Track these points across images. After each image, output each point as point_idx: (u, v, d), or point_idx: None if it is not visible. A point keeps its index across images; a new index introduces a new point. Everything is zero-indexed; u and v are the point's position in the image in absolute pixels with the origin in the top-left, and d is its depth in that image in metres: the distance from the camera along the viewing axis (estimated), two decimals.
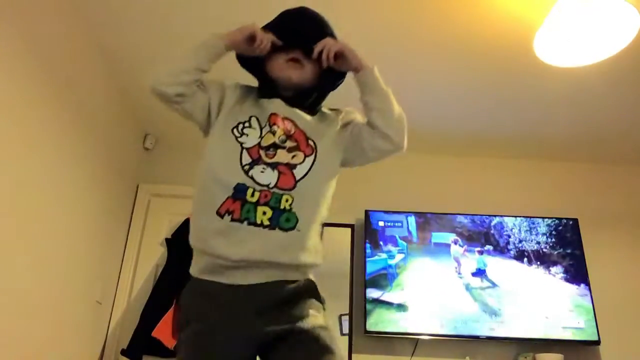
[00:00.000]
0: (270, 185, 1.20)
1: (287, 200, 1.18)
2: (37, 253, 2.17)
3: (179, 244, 3.03)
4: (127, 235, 3.15)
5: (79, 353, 2.62)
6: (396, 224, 3.09)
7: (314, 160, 1.25)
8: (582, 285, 2.93)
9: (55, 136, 2.27)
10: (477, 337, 2.82)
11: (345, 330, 2.89)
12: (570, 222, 3.11)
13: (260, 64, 1.38)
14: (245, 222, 1.16)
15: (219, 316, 1.15)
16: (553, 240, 3.07)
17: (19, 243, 2.04)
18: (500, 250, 3.04)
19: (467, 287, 2.92)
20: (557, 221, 3.12)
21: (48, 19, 2.15)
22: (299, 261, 1.19)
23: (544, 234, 3.09)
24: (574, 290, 2.92)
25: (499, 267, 2.98)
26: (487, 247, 3.04)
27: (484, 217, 3.12)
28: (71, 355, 2.51)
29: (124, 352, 2.71)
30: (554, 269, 2.98)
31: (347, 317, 2.91)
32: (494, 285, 2.93)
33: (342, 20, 2.35)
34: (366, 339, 2.88)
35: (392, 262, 2.97)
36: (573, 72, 2.49)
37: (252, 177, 1.20)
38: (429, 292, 2.91)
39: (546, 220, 3.12)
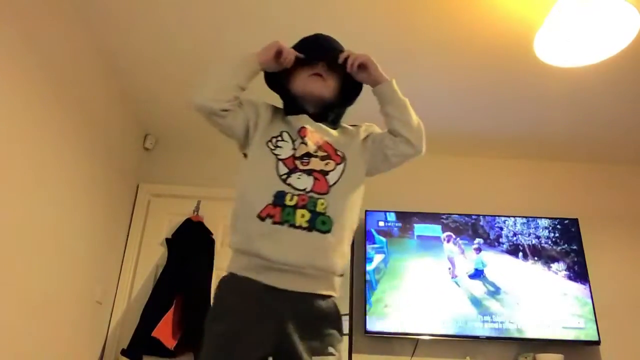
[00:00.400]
0: (307, 190, 1.29)
1: (322, 204, 1.27)
2: (37, 253, 2.17)
3: (179, 244, 3.04)
4: (127, 235, 3.15)
5: (79, 353, 2.62)
6: (396, 224, 3.09)
7: (344, 168, 1.35)
8: (583, 285, 2.93)
9: (55, 136, 2.27)
10: (477, 337, 2.82)
11: (345, 330, 2.88)
12: (570, 222, 3.11)
13: (285, 83, 1.48)
14: (286, 225, 1.24)
15: (249, 313, 1.21)
16: (552, 238, 3.06)
17: (19, 243, 2.04)
18: (490, 243, 3.04)
19: (466, 288, 2.92)
20: (557, 221, 3.12)
21: (48, 19, 2.15)
22: (333, 264, 1.27)
23: (545, 228, 3.08)
24: (574, 290, 2.92)
25: (498, 267, 2.98)
26: (478, 240, 3.04)
27: (483, 217, 3.12)
28: (71, 355, 2.51)
29: (124, 352, 2.71)
30: (554, 266, 2.97)
31: (347, 317, 2.91)
32: (493, 286, 2.93)
33: (343, 20, 2.37)
34: (366, 339, 2.88)
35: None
36: (573, 72, 2.49)
37: (289, 184, 1.29)
38: (424, 292, 2.91)
39: (546, 220, 3.12)
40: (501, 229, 3.09)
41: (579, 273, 2.97)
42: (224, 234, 3.20)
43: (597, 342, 2.82)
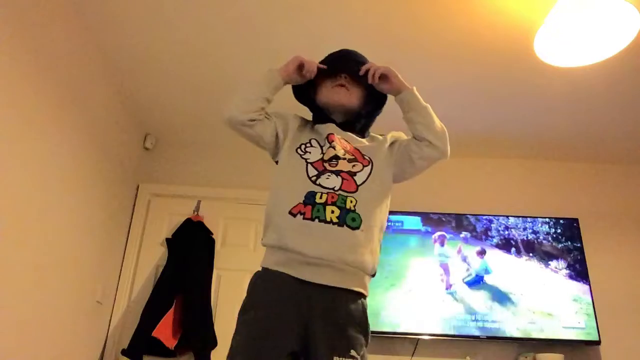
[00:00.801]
0: (336, 188, 1.34)
1: (351, 202, 1.32)
2: (37, 253, 2.17)
3: (179, 244, 3.03)
4: (128, 235, 3.15)
5: (79, 353, 2.62)
6: (395, 224, 3.10)
7: (371, 170, 1.41)
8: (583, 285, 2.93)
9: (55, 136, 2.27)
10: (477, 337, 2.82)
11: None
12: (570, 222, 3.11)
13: (312, 95, 1.56)
14: (317, 220, 1.28)
15: (280, 305, 1.25)
16: (552, 238, 3.07)
17: (20, 243, 2.04)
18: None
19: (466, 291, 2.92)
20: (557, 221, 3.12)
21: (48, 20, 2.15)
22: (363, 261, 1.30)
23: (545, 228, 3.09)
24: (574, 289, 2.92)
25: (498, 267, 2.98)
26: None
27: (484, 217, 3.12)
28: (71, 355, 2.51)
29: (124, 352, 2.71)
30: (554, 265, 2.97)
31: None
32: (493, 287, 2.93)
33: (344, 23, 2.37)
34: None
35: None
36: (573, 72, 2.50)
37: (319, 184, 1.35)
38: (424, 292, 2.91)
39: (546, 219, 3.12)
40: (490, 221, 3.09)
41: (579, 273, 2.97)
42: (224, 234, 3.20)
43: (597, 342, 2.82)
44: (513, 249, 3.02)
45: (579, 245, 3.04)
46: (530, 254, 3.02)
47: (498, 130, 3.17)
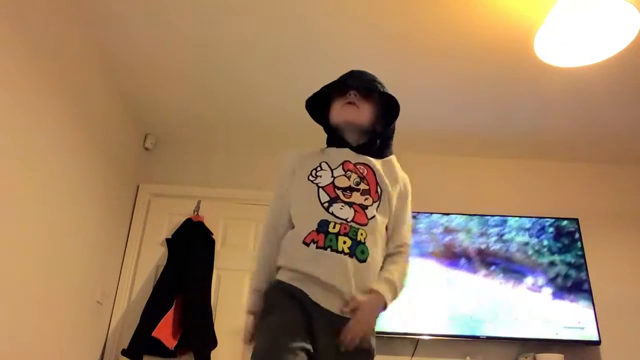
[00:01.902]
0: (348, 220, 1.37)
1: (362, 234, 1.36)
2: (37, 253, 2.17)
3: (179, 244, 3.03)
4: (128, 236, 3.15)
5: (79, 353, 2.62)
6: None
7: (379, 205, 1.44)
8: (583, 285, 2.93)
9: (55, 137, 2.27)
10: (477, 337, 2.82)
11: None
12: (571, 222, 3.11)
13: (325, 116, 1.56)
14: (329, 249, 1.32)
15: (295, 312, 1.28)
16: (552, 238, 3.06)
17: (20, 243, 2.04)
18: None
19: (466, 292, 2.92)
20: (557, 221, 3.12)
21: (48, 19, 2.15)
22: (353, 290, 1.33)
23: (545, 227, 3.08)
24: (574, 290, 2.92)
25: (499, 268, 2.98)
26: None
27: (484, 216, 3.12)
28: (71, 355, 2.51)
29: (124, 352, 2.71)
30: (554, 265, 2.97)
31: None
32: (493, 288, 2.93)
33: (344, 22, 2.37)
34: None
35: None
36: (573, 72, 2.49)
37: (332, 213, 1.37)
38: (424, 291, 2.91)
39: (546, 220, 3.12)
40: (500, 228, 3.09)
41: (579, 273, 2.97)
42: (224, 234, 3.20)
43: (597, 342, 2.82)
44: (522, 256, 3.02)
45: (579, 245, 3.04)
46: (532, 255, 3.02)
47: (498, 130, 3.17)
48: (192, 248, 3.00)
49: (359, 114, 1.49)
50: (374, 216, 1.40)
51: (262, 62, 2.64)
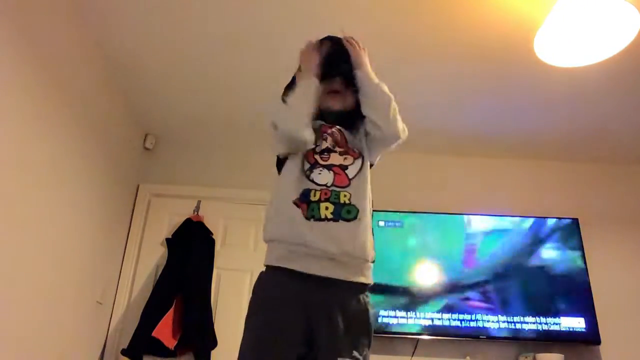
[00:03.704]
0: (328, 184, 1.35)
1: (345, 196, 1.34)
2: (37, 253, 2.17)
3: (179, 244, 3.03)
4: (128, 235, 3.15)
5: (79, 353, 2.62)
6: (396, 224, 3.09)
7: (362, 162, 1.42)
8: (583, 285, 2.93)
9: (55, 137, 2.27)
10: (477, 337, 2.82)
11: None
12: (570, 222, 3.11)
13: None
14: (312, 219, 1.29)
15: (286, 309, 1.25)
16: (552, 238, 3.07)
17: (20, 243, 2.04)
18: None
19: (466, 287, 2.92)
20: (557, 221, 3.12)
21: (48, 19, 2.15)
22: (364, 249, 1.31)
23: (545, 228, 3.08)
24: (574, 289, 2.92)
25: (499, 266, 2.98)
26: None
27: (486, 216, 3.12)
28: (71, 355, 2.51)
29: (124, 352, 2.71)
30: (555, 266, 2.97)
31: None
32: (493, 288, 2.93)
33: (346, 24, 2.35)
34: None
35: None
36: (573, 72, 2.49)
37: (312, 180, 1.36)
38: (424, 291, 2.91)
39: (547, 220, 3.12)
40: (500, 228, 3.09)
41: (579, 273, 2.97)
42: (224, 234, 3.20)
43: (598, 342, 2.82)
44: (522, 255, 3.02)
45: (579, 245, 3.04)
46: (532, 255, 3.02)
47: (498, 130, 3.17)
48: (192, 248, 3.00)
49: (344, 101, 1.50)
50: (356, 174, 1.38)
51: (263, 62, 2.64)
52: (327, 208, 1.30)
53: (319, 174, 1.37)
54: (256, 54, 2.58)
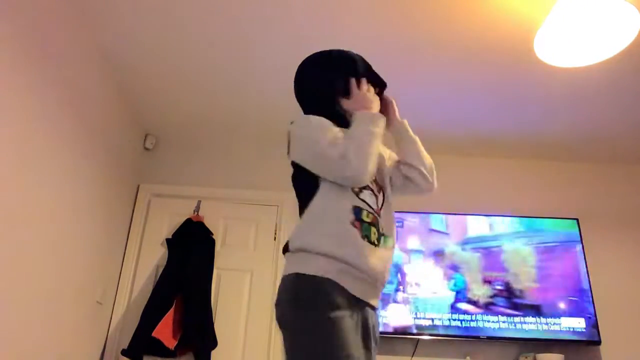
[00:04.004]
0: (375, 210, 1.35)
1: (381, 226, 1.34)
2: (37, 253, 2.17)
3: (179, 244, 3.03)
4: (128, 236, 3.15)
5: (80, 353, 2.62)
6: (396, 224, 3.09)
7: (384, 195, 1.43)
8: (583, 285, 2.93)
9: (55, 137, 2.27)
10: (477, 337, 2.82)
11: None
12: (571, 222, 3.11)
13: (335, 102, 1.49)
14: (366, 240, 1.27)
15: (351, 314, 1.24)
16: (552, 238, 3.07)
17: (19, 243, 2.04)
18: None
19: (466, 287, 2.92)
20: (557, 221, 3.12)
21: (48, 19, 2.15)
22: (388, 278, 1.37)
23: (545, 228, 3.09)
24: (574, 289, 2.92)
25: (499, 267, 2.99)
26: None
27: (484, 216, 3.13)
28: (71, 355, 2.51)
29: (124, 352, 2.71)
30: (555, 266, 2.97)
31: None
32: (494, 287, 2.93)
33: (347, 23, 2.36)
34: None
35: None
36: (573, 72, 2.50)
37: (363, 200, 1.32)
38: (424, 291, 2.91)
39: (546, 220, 3.12)
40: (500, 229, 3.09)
41: (579, 273, 2.97)
42: (224, 234, 3.20)
43: (598, 342, 2.82)
44: (521, 255, 3.02)
45: (579, 245, 3.04)
46: (532, 255, 3.02)
47: (498, 130, 3.17)
48: (192, 248, 3.00)
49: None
50: (382, 204, 1.39)
51: (263, 62, 2.64)
52: (374, 233, 1.30)
53: (370, 195, 1.35)
54: (256, 54, 2.58)
